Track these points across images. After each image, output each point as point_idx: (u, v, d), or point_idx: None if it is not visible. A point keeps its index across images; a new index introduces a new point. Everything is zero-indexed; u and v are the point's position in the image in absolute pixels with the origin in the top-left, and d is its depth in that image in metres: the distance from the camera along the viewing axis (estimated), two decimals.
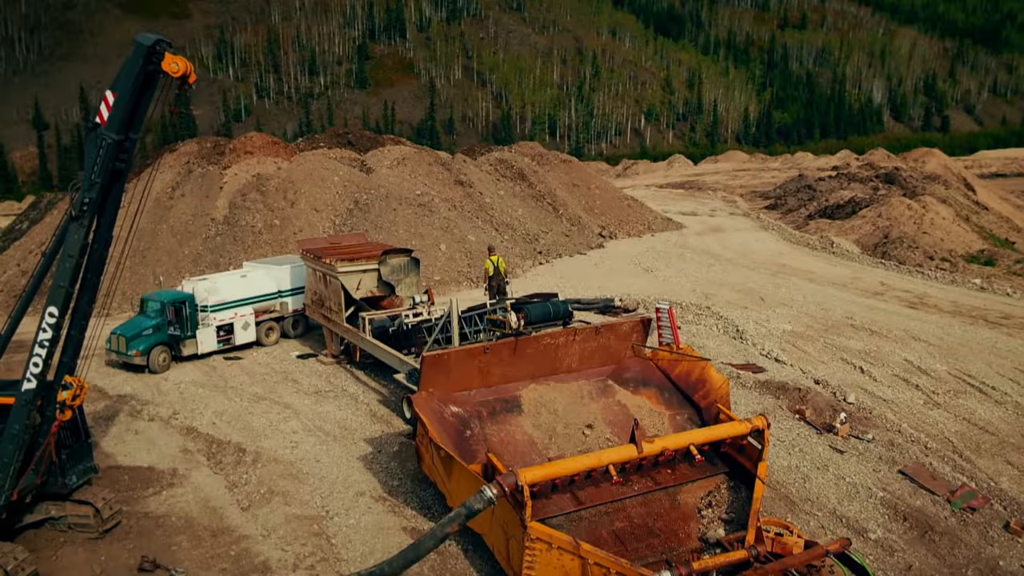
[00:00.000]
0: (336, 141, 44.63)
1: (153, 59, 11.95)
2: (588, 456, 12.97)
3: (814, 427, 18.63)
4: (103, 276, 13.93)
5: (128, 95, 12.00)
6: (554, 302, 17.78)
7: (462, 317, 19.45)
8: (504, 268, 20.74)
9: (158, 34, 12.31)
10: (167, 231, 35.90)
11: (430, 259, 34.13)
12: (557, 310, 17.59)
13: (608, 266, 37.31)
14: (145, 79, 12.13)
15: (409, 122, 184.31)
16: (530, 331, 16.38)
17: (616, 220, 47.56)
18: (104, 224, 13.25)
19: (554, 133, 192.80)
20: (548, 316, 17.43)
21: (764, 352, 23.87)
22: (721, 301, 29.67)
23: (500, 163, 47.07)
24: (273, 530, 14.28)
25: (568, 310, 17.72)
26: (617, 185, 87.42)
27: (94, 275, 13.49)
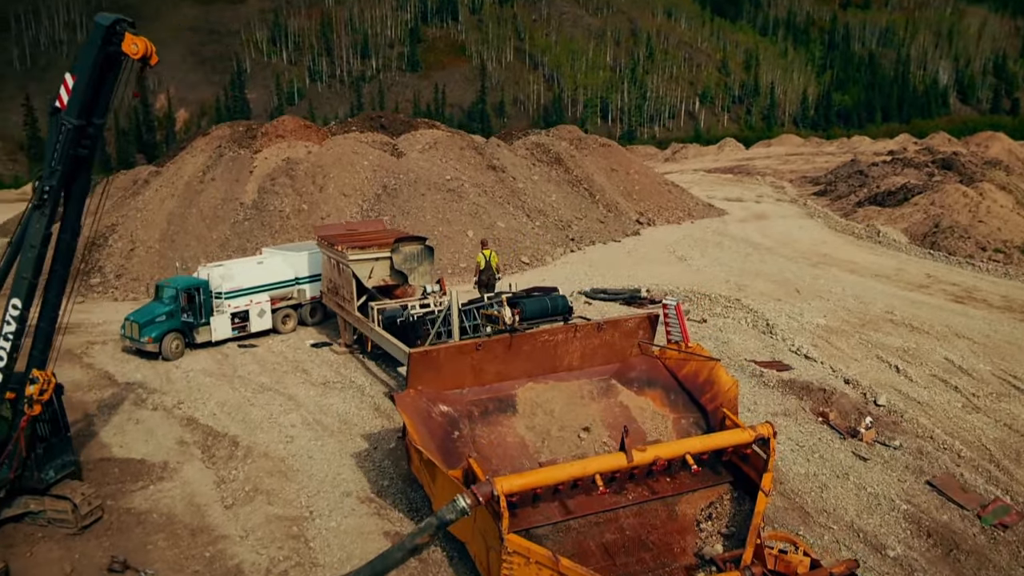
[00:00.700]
0: (369, 125, 44.13)
1: (113, 40, 11.35)
2: (572, 464, 12.13)
3: (838, 431, 17.49)
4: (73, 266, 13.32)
5: (87, 78, 11.43)
6: (553, 297, 16.89)
7: (462, 311, 18.71)
8: (496, 263, 19.97)
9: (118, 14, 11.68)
10: (196, 215, 35.84)
11: (457, 246, 33.48)
12: (555, 305, 16.70)
13: (641, 254, 36.21)
14: (106, 61, 11.54)
15: (460, 105, 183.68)
16: (525, 327, 15.54)
17: (655, 206, 46.27)
18: (71, 213, 12.78)
19: (606, 116, 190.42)
20: (546, 311, 16.56)
21: (793, 348, 22.66)
22: (754, 293, 28.41)
23: (536, 147, 46.11)
24: (252, 531, 13.76)
25: (568, 305, 16.82)
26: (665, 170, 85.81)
27: (62, 266, 13.06)
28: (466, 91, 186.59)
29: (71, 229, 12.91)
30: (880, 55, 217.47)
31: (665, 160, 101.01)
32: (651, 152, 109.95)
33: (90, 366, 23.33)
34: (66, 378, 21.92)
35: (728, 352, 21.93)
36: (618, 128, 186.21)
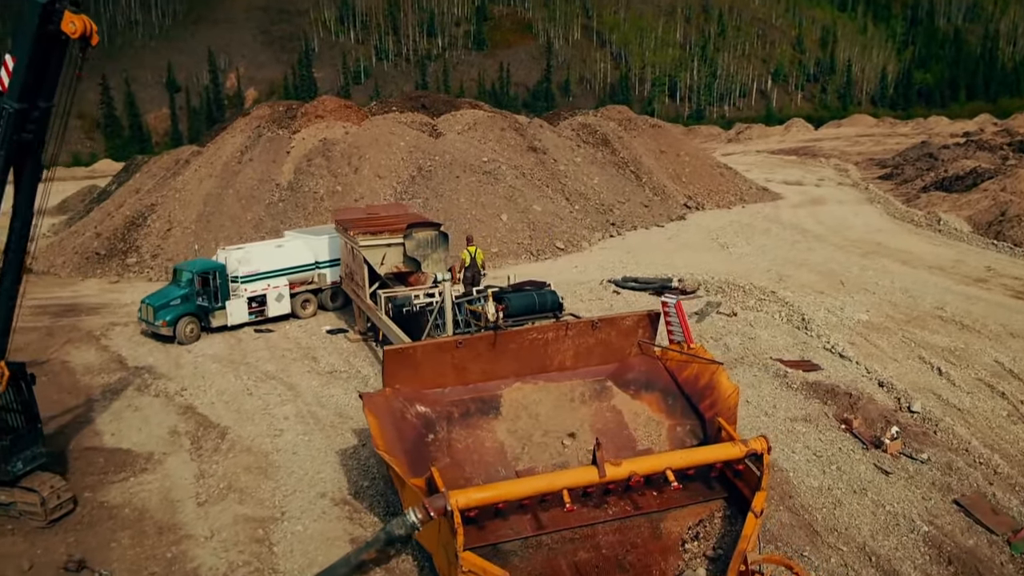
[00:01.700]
0: (410, 105, 43.48)
1: (53, 19, 10.73)
2: (538, 479, 11.24)
3: (861, 440, 16.12)
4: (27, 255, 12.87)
5: (27, 60, 10.85)
6: (541, 292, 15.87)
7: (456, 305, 17.85)
8: (482, 259, 19.05)
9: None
10: (232, 196, 35.75)
11: (489, 230, 32.63)
12: (544, 301, 15.67)
13: (682, 240, 34.81)
14: (46, 41, 10.93)
15: (525, 84, 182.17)
16: (510, 324, 14.61)
17: (705, 190, 44.59)
18: (21, 201, 12.26)
19: (674, 95, 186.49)
20: (533, 308, 15.56)
21: (828, 346, 21.19)
22: (795, 284, 26.85)
23: (583, 128, 44.83)
24: (218, 531, 13.23)
25: (558, 302, 15.78)
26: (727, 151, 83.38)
27: (15, 254, 12.57)
28: (531, 70, 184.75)
29: (22, 217, 12.40)
30: (966, 31, 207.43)
31: (728, 141, 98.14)
32: (714, 132, 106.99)
33: (105, 348, 23.28)
34: (79, 360, 22.03)
35: (753, 350, 20.62)
36: (686, 107, 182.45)
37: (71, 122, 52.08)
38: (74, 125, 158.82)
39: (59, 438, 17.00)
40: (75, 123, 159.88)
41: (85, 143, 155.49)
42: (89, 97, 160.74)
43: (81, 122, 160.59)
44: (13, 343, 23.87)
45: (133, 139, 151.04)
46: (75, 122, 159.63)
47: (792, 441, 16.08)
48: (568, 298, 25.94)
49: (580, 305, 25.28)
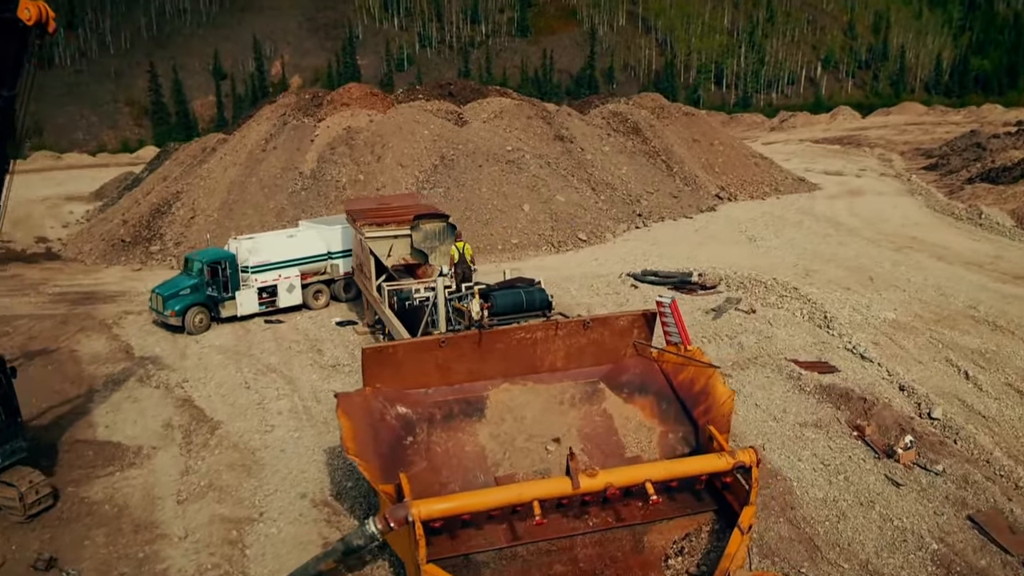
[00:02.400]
0: (436, 93, 42.97)
1: (9, 5, 10.40)
2: (508, 489, 10.68)
3: (873, 449, 15.27)
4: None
5: None
6: (528, 290, 15.25)
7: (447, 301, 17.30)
8: (471, 255, 18.49)
9: None
10: (256, 184, 35.67)
11: (510, 220, 32.06)
12: (531, 300, 15.05)
13: (710, 232, 33.84)
14: (1, 28, 10.61)
15: (569, 71, 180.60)
16: (494, 323, 14.04)
17: (738, 180, 43.42)
18: None
19: (720, 82, 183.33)
20: (520, 306, 14.95)
21: (850, 346, 20.25)
22: (821, 280, 25.84)
23: (614, 116, 43.93)
24: (193, 531, 12.94)
25: (547, 300, 15.14)
26: (770, 140, 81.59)
27: None
28: (575, 57, 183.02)
29: None
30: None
31: (771, 129, 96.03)
32: (757, 121, 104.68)
33: (116, 337, 23.26)
34: (88, 350, 22.01)
35: (768, 349, 19.79)
36: (732, 95, 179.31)
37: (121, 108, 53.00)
38: (123, 112, 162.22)
39: (53, 430, 16.96)
40: (124, 110, 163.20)
41: (134, 130, 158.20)
42: (138, 84, 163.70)
43: (130, 109, 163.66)
44: (28, 331, 24.12)
45: (179, 126, 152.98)
46: (124, 109, 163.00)
47: (800, 448, 15.30)
48: (583, 291, 25.38)
49: (595, 299, 24.65)
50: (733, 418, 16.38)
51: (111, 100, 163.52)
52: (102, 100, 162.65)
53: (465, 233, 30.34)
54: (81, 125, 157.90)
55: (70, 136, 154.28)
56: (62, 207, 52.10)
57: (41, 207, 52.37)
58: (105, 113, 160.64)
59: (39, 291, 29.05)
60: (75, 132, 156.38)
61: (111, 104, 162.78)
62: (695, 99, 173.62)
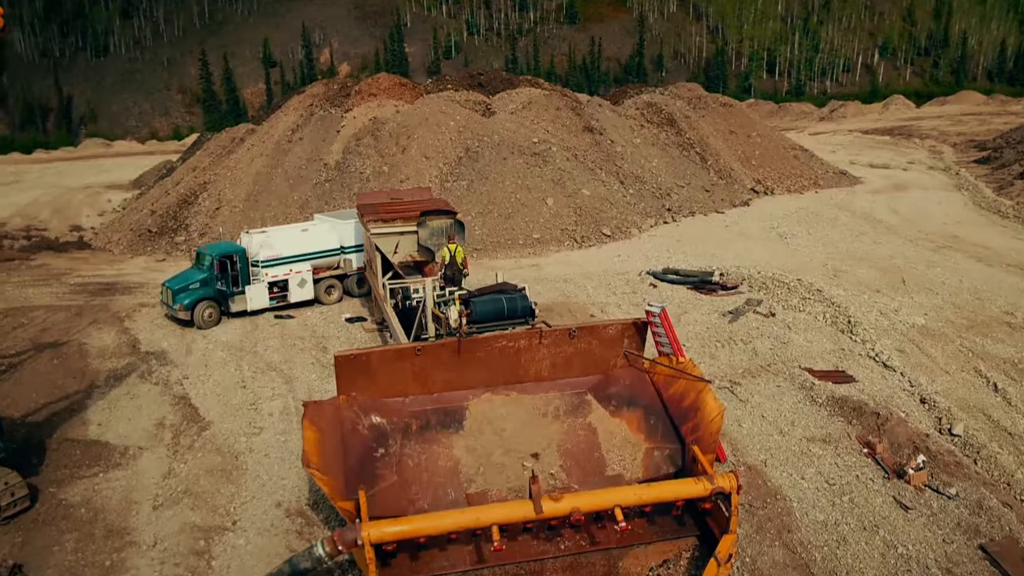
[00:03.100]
0: (466, 83, 42.35)
1: None
2: (466, 512, 10.12)
3: (883, 468, 14.36)
4: None
5: None
6: (510, 297, 14.59)
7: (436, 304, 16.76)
8: (462, 257, 17.81)
9: None
10: (281, 175, 35.55)
11: (533, 214, 31.39)
12: (513, 307, 14.39)
13: (740, 229, 32.75)
14: None
15: (617, 59, 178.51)
16: (473, 330, 13.48)
17: (776, 173, 42.08)
18: None
19: (773, 70, 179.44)
20: (500, 314, 14.31)
21: (872, 353, 19.23)
22: (850, 281, 24.72)
23: (648, 107, 42.86)
24: (162, 540, 12.63)
25: (530, 307, 14.48)
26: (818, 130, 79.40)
27: None
28: (624, 44, 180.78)
29: None
30: None
31: (820, 119, 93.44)
32: (806, 110, 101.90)
33: (126, 331, 23.21)
34: (96, 343, 21.99)
35: (783, 356, 18.88)
36: (785, 83, 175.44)
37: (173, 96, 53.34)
38: (175, 99, 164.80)
39: (46, 427, 16.85)
40: (176, 97, 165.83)
41: (185, 117, 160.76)
42: (190, 72, 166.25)
43: (182, 97, 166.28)
44: (42, 323, 24.21)
45: (230, 113, 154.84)
46: (176, 96, 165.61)
47: (804, 465, 14.47)
48: (600, 290, 24.66)
49: (611, 299, 23.92)
50: (737, 431, 15.71)
51: (163, 88, 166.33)
52: (155, 88, 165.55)
53: (486, 227, 29.90)
54: (134, 112, 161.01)
55: (124, 123, 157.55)
56: (102, 195, 52.82)
57: (81, 195, 53.21)
58: (157, 101, 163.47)
59: (61, 281, 29.26)
60: (128, 119, 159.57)
61: (163, 92, 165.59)
62: (746, 87, 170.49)
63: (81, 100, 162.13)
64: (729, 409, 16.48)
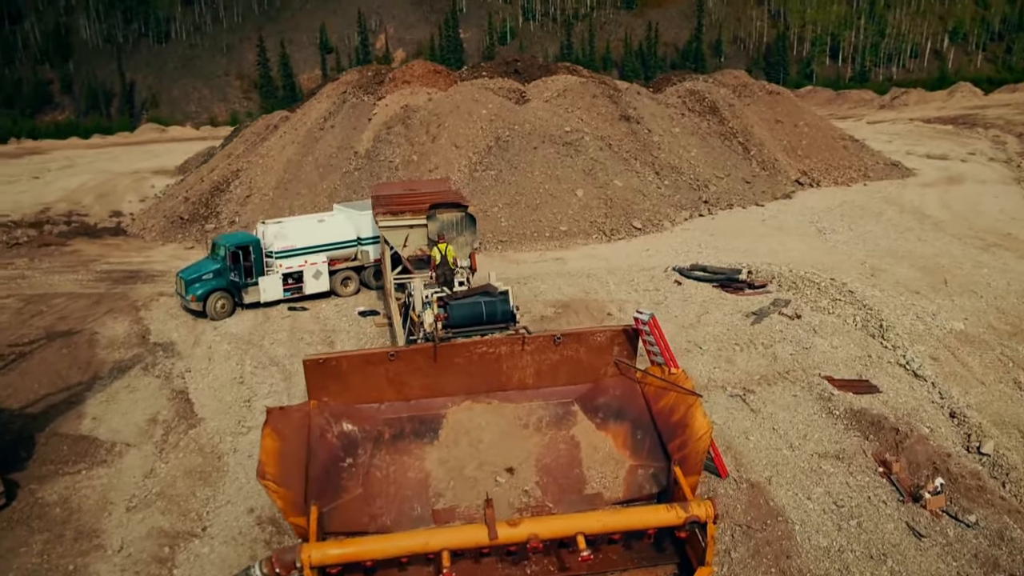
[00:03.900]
0: (502, 70, 41.48)
1: None
2: (413, 535, 9.44)
3: (898, 490, 13.32)
4: None
5: None
6: (490, 301, 13.79)
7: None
8: (453, 257, 17.01)
9: None
10: (311, 163, 35.29)
11: (561, 206, 30.54)
12: (492, 311, 13.60)
13: (777, 223, 31.42)
14: None
15: (675, 44, 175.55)
16: (450, 335, 12.77)
17: (823, 164, 40.40)
18: None
19: (836, 56, 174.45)
20: (479, 318, 13.53)
21: (903, 361, 18.04)
22: (888, 281, 23.37)
23: (690, 95, 41.52)
24: (129, 544, 12.29)
25: (510, 312, 13.66)
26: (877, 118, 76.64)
27: None
28: (681, 29, 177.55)
29: None
30: None
31: (880, 107, 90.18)
32: (866, 97, 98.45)
33: (139, 321, 23.11)
34: (107, 333, 21.91)
35: (804, 362, 17.80)
36: (848, 69, 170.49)
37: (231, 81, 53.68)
38: (233, 85, 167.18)
39: (41, 419, 16.71)
40: (234, 83, 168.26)
41: (243, 103, 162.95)
42: (248, 58, 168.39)
43: (240, 82, 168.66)
44: (60, 311, 24.26)
45: (286, 99, 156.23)
46: (234, 82, 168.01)
47: (812, 484, 13.50)
48: (621, 287, 23.78)
49: (631, 296, 23.02)
50: (743, 444, 14.76)
51: (222, 74, 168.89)
52: (214, 73, 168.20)
53: (512, 219, 29.17)
54: (194, 98, 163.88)
55: (184, 109, 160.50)
56: (147, 181, 53.45)
57: (127, 180, 53.93)
58: (216, 86, 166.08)
59: (89, 268, 29.42)
60: (188, 105, 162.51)
61: (222, 77, 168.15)
62: (807, 73, 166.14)
63: (143, 85, 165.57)
64: (738, 420, 15.58)
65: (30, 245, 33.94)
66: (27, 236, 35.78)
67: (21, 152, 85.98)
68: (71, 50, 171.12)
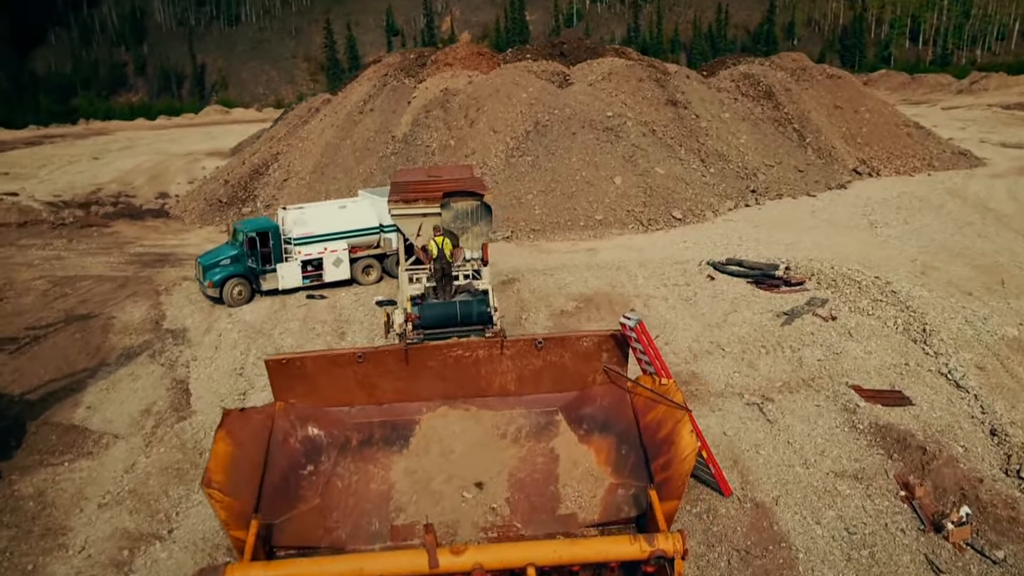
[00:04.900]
0: (547, 52, 40.31)
1: None
2: (347, 559, 8.67)
3: (920, 518, 12.05)
4: None
5: None
6: (465, 302, 12.83)
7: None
8: (450, 251, 16.08)
9: None
10: (349, 147, 34.85)
11: (598, 194, 29.42)
12: (467, 312, 12.66)
13: (827, 215, 29.74)
14: None
15: (745, 26, 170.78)
16: (422, 337, 11.93)
17: (885, 152, 38.26)
18: None
19: (916, 38, 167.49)
20: (452, 319, 12.63)
21: (945, 369, 16.58)
22: (939, 280, 21.73)
23: (744, 79, 39.77)
24: (90, 545, 11.85)
25: (486, 314, 12.68)
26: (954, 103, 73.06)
27: None
28: (753, 11, 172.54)
29: None
30: None
31: (958, 92, 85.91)
32: (943, 82, 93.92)
33: (158, 306, 22.92)
34: (124, 318, 21.77)
35: (832, 369, 16.48)
36: (928, 52, 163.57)
37: (299, 64, 54.04)
38: (301, 68, 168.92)
39: (36, 407, 16.51)
40: (302, 66, 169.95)
41: (309, 85, 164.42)
42: (316, 41, 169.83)
43: (307, 65, 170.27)
44: (84, 294, 24.22)
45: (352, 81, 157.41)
46: (301, 64, 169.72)
47: (824, 507, 12.32)
48: (650, 281, 22.68)
49: (659, 291, 21.89)
50: (752, 458, 13.61)
51: (290, 56, 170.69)
52: (282, 56, 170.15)
53: (546, 206, 28.20)
54: (262, 80, 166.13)
55: (252, 91, 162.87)
56: (199, 163, 53.86)
57: (180, 162, 54.45)
58: (284, 69, 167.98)
59: (123, 251, 29.51)
60: (256, 87, 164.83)
61: (290, 60, 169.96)
62: (885, 56, 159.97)
63: (213, 68, 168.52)
64: (751, 431, 14.44)
65: (73, 226, 34.28)
66: (73, 217, 36.19)
67: (88, 133, 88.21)
68: (145, 33, 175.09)
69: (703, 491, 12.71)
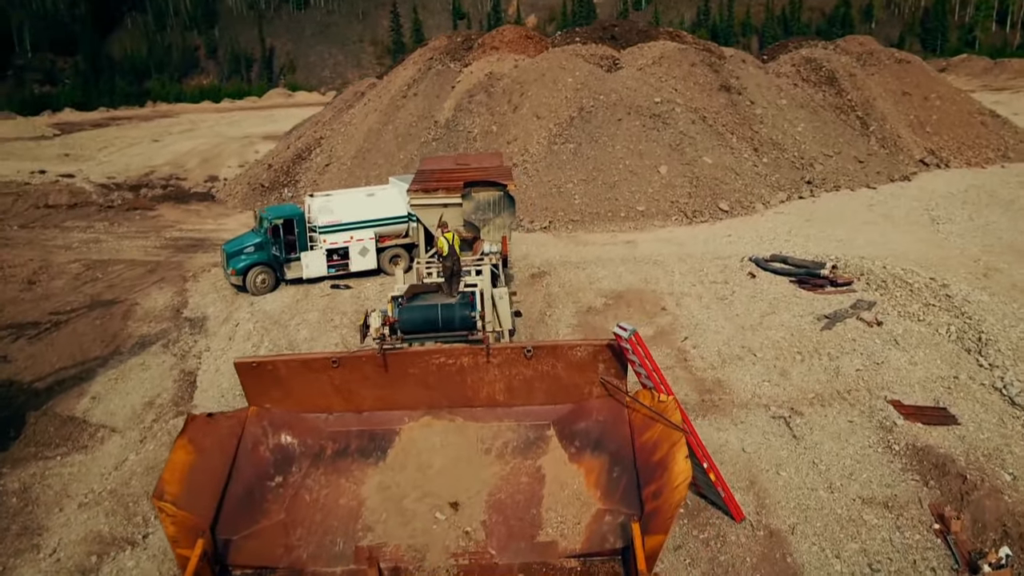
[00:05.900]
0: (597, 36, 38.97)
1: None
2: None
3: (953, 555, 10.80)
4: None
5: None
6: (448, 305, 11.87)
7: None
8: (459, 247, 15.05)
9: None
10: (391, 132, 34.25)
11: (641, 183, 28.20)
12: (449, 316, 11.71)
13: (886, 209, 27.93)
14: None
15: (821, 9, 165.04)
16: (399, 344, 11.08)
17: (955, 142, 35.98)
18: None
19: (1004, 21, 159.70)
20: (433, 324, 11.70)
21: (1000, 384, 15.10)
22: (1002, 284, 20.04)
23: (806, 64, 37.84)
24: (62, 548, 11.42)
25: (469, 319, 11.68)
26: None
27: None
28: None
29: None
30: None
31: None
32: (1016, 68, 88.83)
33: (182, 292, 22.68)
34: (147, 304, 21.57)
35: (871, 380, 15.15)
36: (1017, 36, 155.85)
37: (365, 47, 53.85)
38: (367, 51, 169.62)
39: (41, 396, 16.32)
40: (368, 49, 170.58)
41: (375, 68, 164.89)
42: (382, 24, 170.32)
43: (373, 48, 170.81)
44: (114, 278, 24.11)
45: None
46: (368, 48, 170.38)
47: (846, 538, 11.15)
48: (687, 277, 21.54)
49: (695, 289, 20.68)
50: (772, 479, 12.46)
51: (357, 40, 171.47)
52: (349, 39, 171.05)
53: (587, 196, 27.18)
54: (329, 64, 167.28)
55: (319, 74, 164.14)
56: (253, 146, 54.07)
57: (235, 145, 54.75)
58: (350, 52, 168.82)
59: (159, 235, 29.46)
60: (323, 70, 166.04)
61: (356, 44, 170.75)
62: (969, 40, 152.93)
63: (281, 51, 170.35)
64: (773, 448, 13.27)
65: (120, 208, 34.48)
66: (122, 199, 36.45)
67: (154, 115, 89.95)
68: (216, 17, 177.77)
69: (713, 514, 11.65)
